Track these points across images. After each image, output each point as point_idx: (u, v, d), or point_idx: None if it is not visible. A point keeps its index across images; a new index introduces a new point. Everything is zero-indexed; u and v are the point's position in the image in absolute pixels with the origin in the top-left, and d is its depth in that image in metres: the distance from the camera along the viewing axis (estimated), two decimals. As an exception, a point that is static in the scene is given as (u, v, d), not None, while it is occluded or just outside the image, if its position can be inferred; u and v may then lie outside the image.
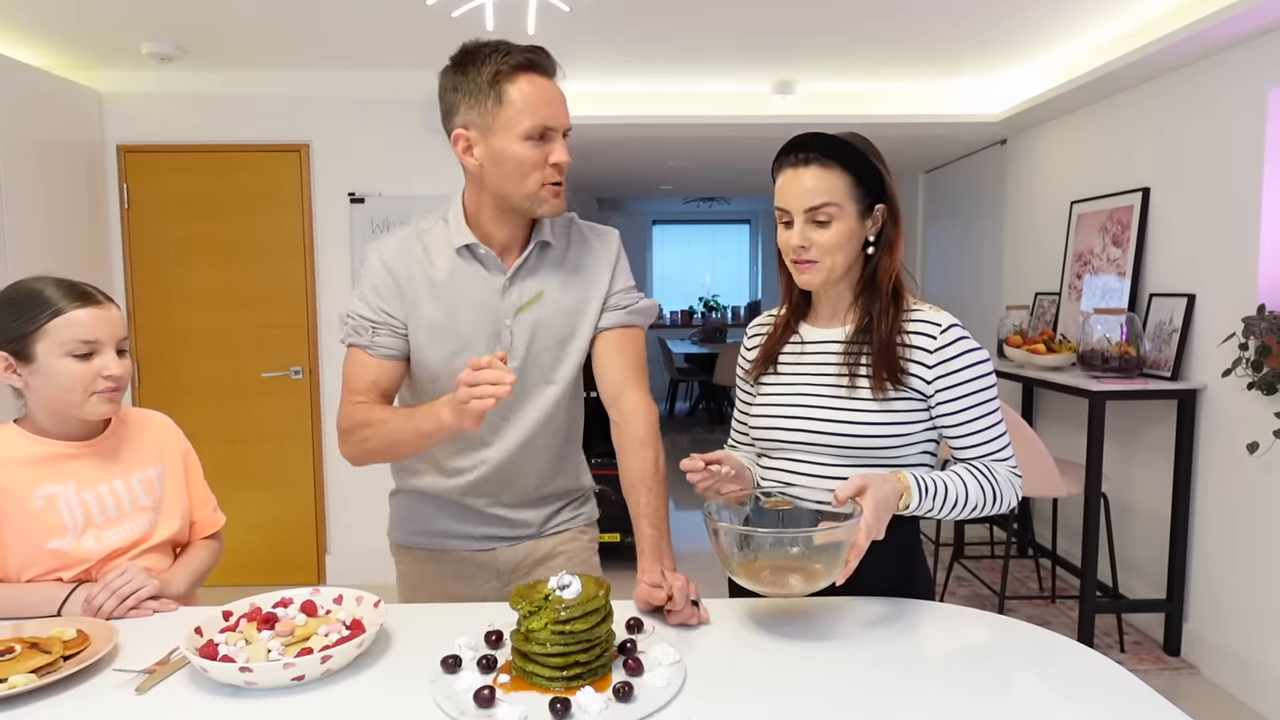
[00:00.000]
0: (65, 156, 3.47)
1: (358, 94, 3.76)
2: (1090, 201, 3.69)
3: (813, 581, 1.13)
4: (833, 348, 1.34)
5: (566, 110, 1.34)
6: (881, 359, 1.28)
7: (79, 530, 1.33)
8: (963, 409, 1.27)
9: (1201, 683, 2.93)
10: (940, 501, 1.22)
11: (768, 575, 1.13)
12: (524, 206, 1.36)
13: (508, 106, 1.29)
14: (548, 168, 1.32)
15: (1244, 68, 2.79)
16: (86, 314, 1.31)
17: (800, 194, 1.26)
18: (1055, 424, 4.00)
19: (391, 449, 1.36)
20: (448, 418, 1.21)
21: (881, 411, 1.27)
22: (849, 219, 1.27)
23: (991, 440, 1.29)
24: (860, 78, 3.93)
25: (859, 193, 1.27)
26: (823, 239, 1.27)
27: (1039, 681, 1.04)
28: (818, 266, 1.29)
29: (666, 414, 8.64)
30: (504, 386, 1.13)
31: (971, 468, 1.28)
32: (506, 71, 1.29)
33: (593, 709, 0.94)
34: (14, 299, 1.31)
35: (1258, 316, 2.63)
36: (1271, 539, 2.69)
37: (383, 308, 1.40)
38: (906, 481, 1.20)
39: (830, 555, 1.12)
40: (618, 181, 6.89)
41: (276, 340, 3.87)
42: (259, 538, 3.87)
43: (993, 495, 1.26)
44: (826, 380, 1.32)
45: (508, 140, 1.30)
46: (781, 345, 1.40)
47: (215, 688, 1.03)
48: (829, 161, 1.25)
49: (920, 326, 1.29)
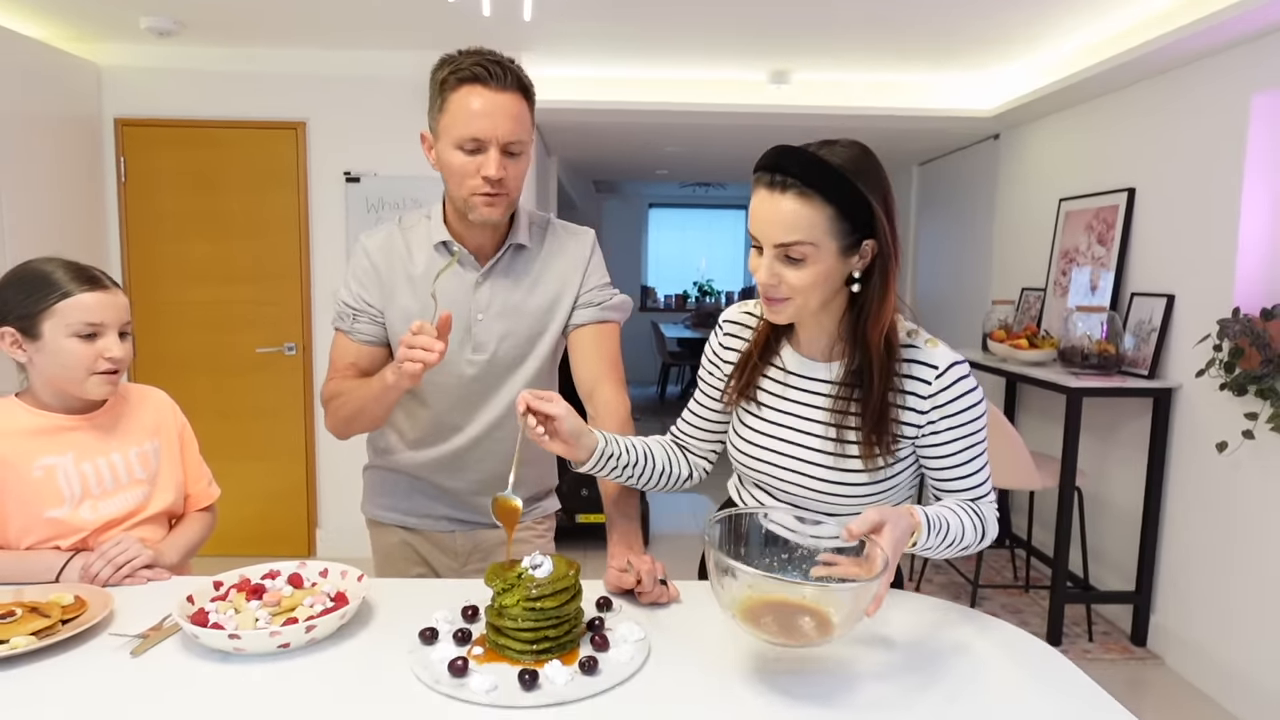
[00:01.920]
0: (63, 129, 3.49)
1: (356, 73, 3.79)
2: (1077, 200, 3.74)
3: (824, 631, 0.98)
4: (821, 388, 1.24)
5: (509, 123, 1.35)
6: (872, 425, 1.18)
7: (76, 500, 1.38)
8: (952, 452, 1.21)
9: (1166, 673, 3.02)
10: (941, 539, 1.14)
11: (770, 622, 0.98)
12: (464, 210, 1.42)
13: (446, 115, 1.36)
14: (478, 178, 1.37)
15: (1229, 74, 2.84)
16: (93, 298, 1.36)
17: (772, 225, 1.11)
18: (1035, 418, 4.07)
19: (359, 414, 1.45)
20: (390, 378, 1.31)
21: (869, 475, 1.21)
22: (827, 258, 1.12)
23: (978, 485, 1.23)
24: (856, 69, 3.96)
25: (842, 228, 1.11)
26: (794, 278, 1.13)
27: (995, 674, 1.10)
28: (787, 304, 1.16)
29: (658, 398, 8.69)
30: (433, 354, 1.23)
31: (962, 507, 1.21)
32: (452, 82, 1.35)
33: (559, 680, 1.00)
34: (25, 278, 1.36)
35: (1232, 319, 2.69)
36: (1237, 536, 2.77)
37: (363, 296, 1.50)
38: (919, 519, 1.10)
39: (846, 603, 0.98)
40: (614, 165, 6.91)
41: (270, 316, 3.91)
42: (250, 511, 3.93)
43: (978, 537, 1.20)
44: (814, 430, 1.24)
45: (446, 147, 1.38)
46: (763, 369, 1.30)
47: (205, 653, 1.08)
48: (809, 191, 1.08)
49: (915, 370, 1.19)
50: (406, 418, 1.56)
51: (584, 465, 1.29)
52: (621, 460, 1.31)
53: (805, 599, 1.01)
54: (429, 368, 1.24)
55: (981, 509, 1.22)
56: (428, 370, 1.25)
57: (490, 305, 1.48)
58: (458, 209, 1.44)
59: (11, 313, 1.35)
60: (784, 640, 0.99)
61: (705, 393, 1.40)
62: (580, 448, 1.25)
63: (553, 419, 1.20)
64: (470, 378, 1.50)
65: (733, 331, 1.37)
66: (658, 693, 1.01)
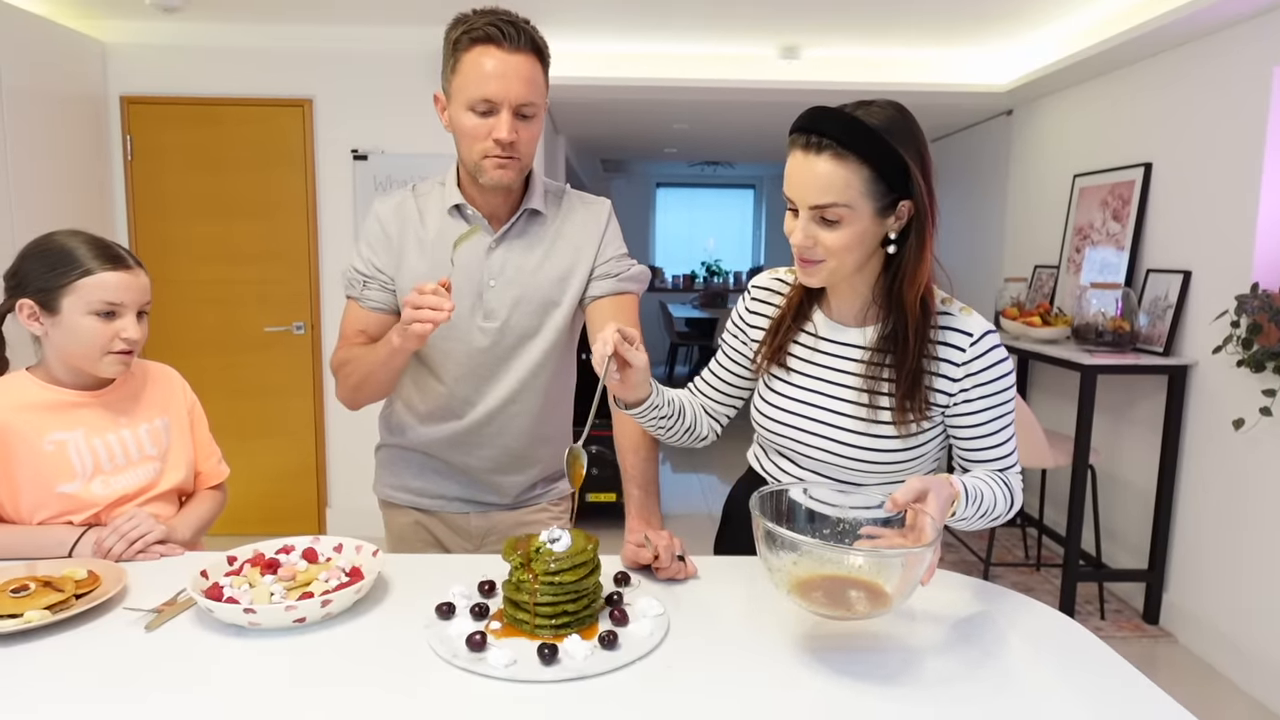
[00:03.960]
0: (69, 106, 3.47)
1: (363, 49, 3.75)
2: (1092, 175, 3.69)
3: (879, 604, 0.97)
4: (853, 353, 1.23)
5: (522, 85, 1.32)
6: (906, 390, 1.17)
7: (88, 475, 1.37)
8: (981, 421, 1.20)
9: (1178, 650, 3.01)
10: (976, 509, 1.12)
11: (820, 596, 0.98)
12: (474, 174, 1.40)
13: (458, 75, 1.34)
14: (489, 140, 1.35)
15: (1249, 46, 2.78)
16: (115, 277, 1.35)
17: (807, 187, 1.10)
18: (1048, 396, 4.04)
19: (366, 380, 1.44)
20: (396, 340, 1.30)
21: (902, 441, 1.20)
22: (862, 219, 1.11)
23: (1005, 455, 1.22)
24: (867, 44, 3.90)
25: (878, 189, 1.09)
26: (829, 240, 1.12)
27: (1016, 647, 1.09)
28: (822, 266, 1.15)
29: (665, 377, 8.68)
30: (442, 313, 1.22)
31: (993, 477, 1.19)
32: (465, 42, 1.33)
33: (579, 655, 0.99)
34: (48, 252, 1.34)
35: (1251, 295, 2.66)
36: (1251, 515, 2.74)
37: (373, 262, 1.49)
38: (958, 489, 1.08)
39: (899, 573, 0.96)
40: (622, 143, 6.85)
41: (279, 295, 3.90)
42: (261, 490, 3.94)
43: (1008, 506, 1.19)
44: (845, 395, 1.22)
45: (458, 109, 1.36)
46: (794, 334, 1.28)
47: (220, 627, 1.08)
48: (845, 152, 1.07)
49: (949, 336, 1.18)
50: (418, 392, 1.54)
51: (630, 409, 1.26)
52: (662, 412, 1.28)
53: (856, 571, 1.00)
54: (437, 326, 1.23)
55: (1009, 479, 1.21)
56: (435, 331, 1.24)
57: (503, 271, 1.46)
58: (470, 172, 1.42)
59: (31, 285, 1.34)
60: (836, 613, 0.98)
61: (728, 355, 1.38)
62: (638, 390, 1.21)
63: (631, 367, 1.17)
64: (482, 349, 1.48)
65: (761, 297, 1.35)
66: (678, 667, 1.00)
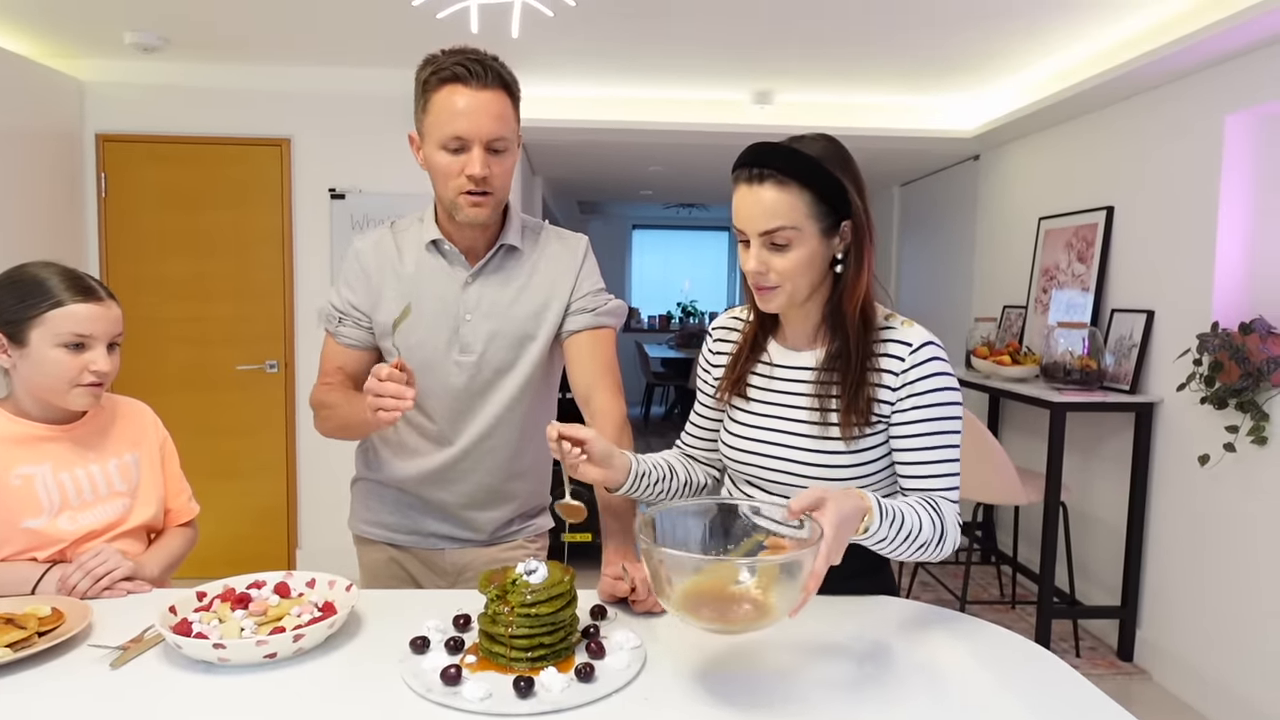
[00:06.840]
0: (44, 144, 3.46)
1: (341, 90, 3.78)
2: (1057, 218, 3.79)
3: (763, 616, 0.95)
4: (805, 375, 1.27)
5: (492, 121, 1.34)
6: (851, 400, 1.20)
7: (55, 511, 1.35)
8: (918, 434, 1.19)
9: (1152, 687, 3.02)
10: (896, 531, 1.10)
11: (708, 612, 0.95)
12: (451, 211, 1.42)
13: (429, 115, 1.37)
14: (462, 177, 1.37)
15: (1201, 96, 2.90)
16: (85, 309, 1.33)
17: (755, 215, 1.17)
18: (1019, 434, 4.09)
19: (343, 430, 1.47)
20: (369, 416, 1.27)
21: (851, 454, 1.22)
22: (810, 241, 1.17)
23: (942, 476, 1.20)
24: (839, 90, 4.01)
25: (821, 210, 1.16)
26: (781, 264, 1.18)
27: (994, 681, 1.09)
28: (778, 291, 1.20)
29: (642, 418, 8.67)
30: (406, 401, 1.23)
31: (922, 502, 1.17)
32: (434, 82, 1.36)
33: (555, 688, 0.98)
34: (18, 282, 1.33)
35: (1211, 334, 2.73)
36: (1220, 549, 2.78)
37: (350, 300, 1.51)
38: (869, 502, 1.07)
39: (783, 582, 0.95)
40: (598, 185, 6.94)
41: (251, 334, 3.87)
42: (230, 530, 3.86)
43: (938, 539, 1.15)
44: (798, 415, 1.25)
45: (431, 147, 1.38)
46: (751, 365, 1.32)
47: (188, 664, 1.05)
48: (787, 180, 1.15)
49: (890, 348, 1.21)
50: (395, 428, 1.54)
51: (622, 488, 1.27)
52: (652, 477, 1.31)
53: (742, 587, 0.98)
54: (403, 414, 1.24)
55: (940, 506, 1.18)
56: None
57: (479, 305, 1.47)
58: (446, 209, 1.44)
59: (0, 317, 1.32)
60: (723, 626, 0.96)
61: (703, 402, 1.42)
62: (615, 469, 1.23)
63: (584, 442, 1.19)
64: (459, 383, 1.49)
65: (722, 336, 1.41)
66: (655, 700, 0.99)
